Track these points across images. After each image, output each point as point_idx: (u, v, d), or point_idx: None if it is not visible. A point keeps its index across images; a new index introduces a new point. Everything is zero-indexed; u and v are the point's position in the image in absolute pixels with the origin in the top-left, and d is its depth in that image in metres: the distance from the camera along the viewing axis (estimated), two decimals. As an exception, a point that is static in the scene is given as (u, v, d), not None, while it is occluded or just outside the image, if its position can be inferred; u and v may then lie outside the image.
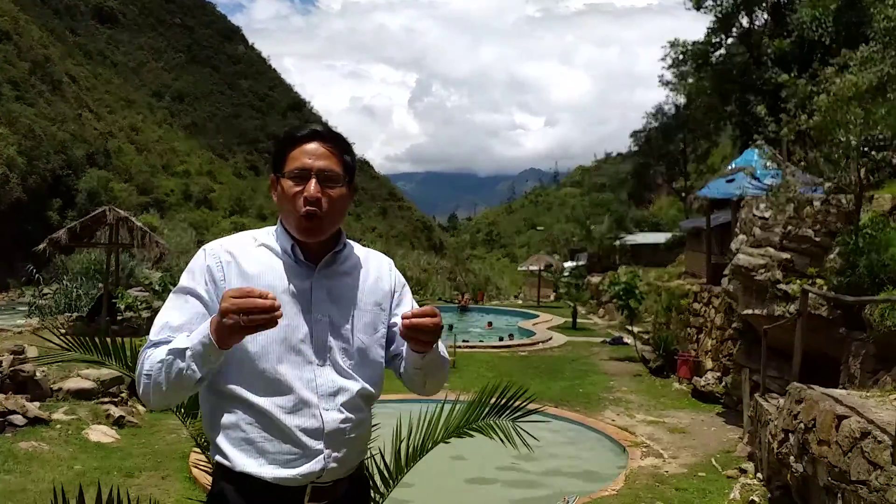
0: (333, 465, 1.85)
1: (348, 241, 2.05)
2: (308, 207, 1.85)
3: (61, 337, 3.14)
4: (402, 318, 1.79)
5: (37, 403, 8.44)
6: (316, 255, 1.94)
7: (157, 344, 1.80)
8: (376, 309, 2.01)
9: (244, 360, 1.82)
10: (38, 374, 8.93)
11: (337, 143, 1.94)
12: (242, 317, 1.60)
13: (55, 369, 9.36)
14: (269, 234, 1.99)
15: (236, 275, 1.87)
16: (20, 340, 10.03)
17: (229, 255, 1.90)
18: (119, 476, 6.78)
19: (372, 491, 2.99)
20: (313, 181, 1.86)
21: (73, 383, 9.09)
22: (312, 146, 1.90)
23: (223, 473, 1.89)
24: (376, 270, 2.07)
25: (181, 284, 1.90)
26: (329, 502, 1.88)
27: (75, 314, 15.66)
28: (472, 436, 3.22)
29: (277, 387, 1.82)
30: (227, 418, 1.85)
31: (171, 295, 1.92)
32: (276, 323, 1.63)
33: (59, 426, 8.07)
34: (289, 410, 1.82)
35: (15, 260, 39.56)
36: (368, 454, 3.09)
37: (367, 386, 1.94)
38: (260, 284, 1.83)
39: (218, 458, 1.89)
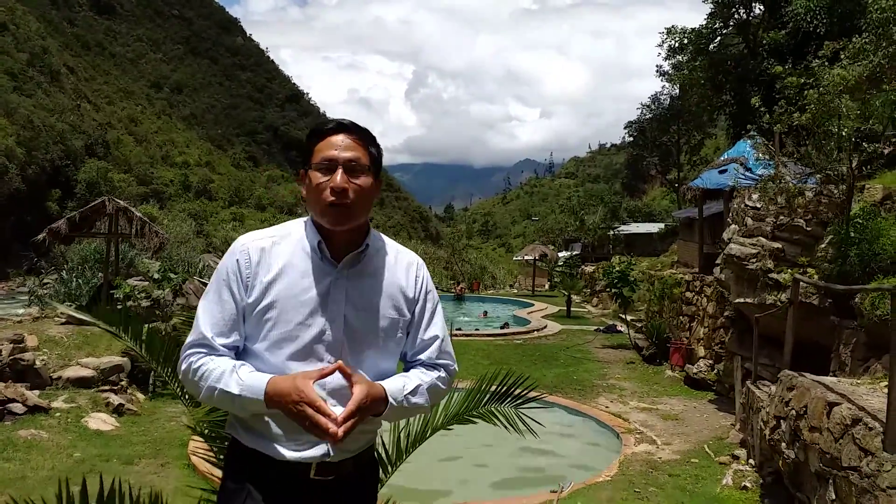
0: (337, 451, 1.92)
1: (380, 236, 2.09)
2: (334, 197, 1.89)
3: (78, 311, 3.27)
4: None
5: (36, 392, 8.49)
6: (341, 252, 1.97)
7: (201, 346, 1.94)
8: (395, 314, 2.03)
9: (258, 353, 1.93)
10: (37, 362, 8.98)
11: (362, 135, 1.98)
12: (306, 423, 1.77)
13: (55, 358, 9.41)
14: (300, 228, 2.03)
15: (261, 273, 1.93)
16: (20, 329, 10.07)
17: (258, 252, 1.96)
18: (118, 464, 6.83)
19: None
20: (339, 171, 1.90)
21: (73, 372, 9.14)
22: (338, 138, 1.94)
23: (236, 446, 2.01)
24: (403, 274, 2.08)
25: (217, 280, 1.98)
26: (335, 477, 1.95)
27: (75, 303, 15.68)
28: (474, 422, 3.26)
29: None
30: None
31: (209, 287, 2.01)
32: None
33: (58, 414, 8.12)
34: None
35: (14, 250, 39.60)
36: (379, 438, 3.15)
37: None
38: (280, 283, 1.92)
39: (232, 432, 2.02)
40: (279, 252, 1.96)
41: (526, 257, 37.65)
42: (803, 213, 8.21)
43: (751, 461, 7.11)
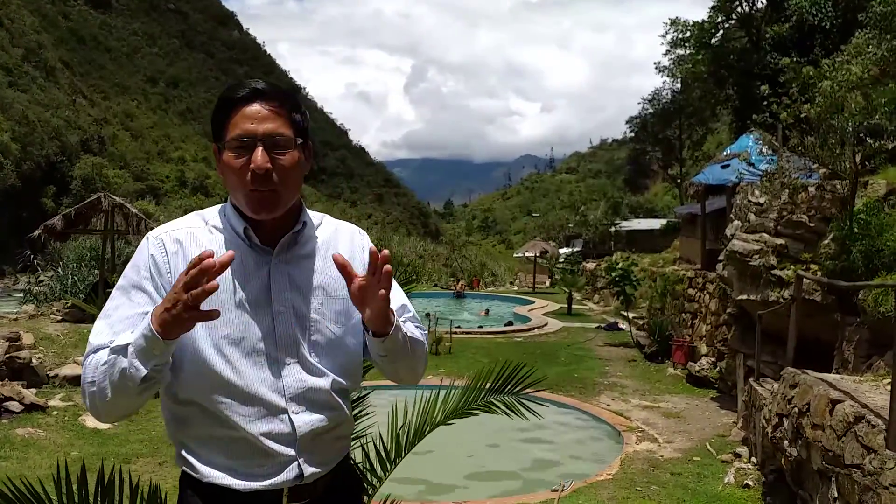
0: (312, 468, 1.68)
1: (314, 214, 1.83)
2: (256, 181, 1.60)
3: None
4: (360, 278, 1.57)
5: (33, 390, 8.46)
6: (273, 236, 1.70)
7: (98, 349, 1.58)
8: (347, 293, 1.70)
9: (199, 365, 1.61)
10: (34, 360, 8.93)
11: (283, 101, 1.66)
12: (189, 296, 1.41)
13: (51, 356, 9.37)
14: (218, 215, 1.75)
15: (184, 265, 1.57)
16: (16, 327, 10.01)
17: (176, 244, 1.67)
18: (116, 462, 6.74)
19: (369, 474, 2.99)
20: (259, 149, 1.59)
21: (70, 370, 9.09)
22: (254, 108, 1.63)
23: (190, 483, 1.70)
24: (348, 249, 1.80)
25: (124, 279, 1.67)
26: (311, 500, 1.70)
27: (71, 301, 15.65)
28: (475, 414, 3.19)
29: (239, 393, 1.61)
30: (189, 430, 1.67)
31: (114, 291, 1.68)
32: (218, 288, 1.44)
33: (55, 413, 8.09)
34: (254, 418, 1.62)
35: (10, 247, 39.47)
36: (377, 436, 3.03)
37: (340, 379, 1.72)
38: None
39: (184, 467, 1.71)
40: (201, 244, 1.66)
41: (526, 254, 37.66)
42: (806, 209, 8.17)
43: (753, 459, 7.07)
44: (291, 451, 1.65)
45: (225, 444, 1.64)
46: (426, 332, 1.93)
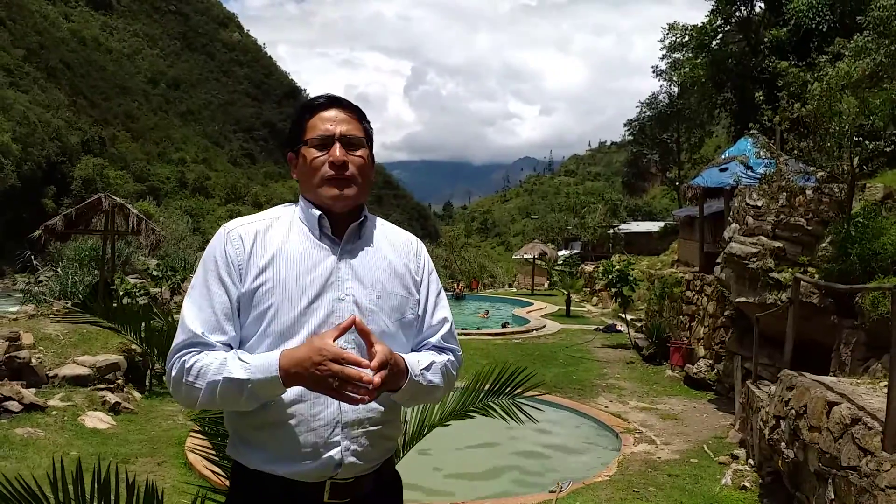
0: (352, 459, 1.74)
1: (373, 216, 1.96)
2: (334, 171, 1.79)
3: (75, 307, 3.19)
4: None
5: (32, 390, 8.45)
6: (339, 229, 1.84)
7: (192, 346, 1.72)
8: (403, 293, 1.89)
9: (258, 346, 1.74)
10: (33, 360, 8.93)
11: (355, 109, 1.90)
12: (336, 382, 1.57)
13: (51, 356, 9.36)
14: (292, 210, 1.91)
15: (255, 258, 1.77)
16: (16, 327, 10.00)
17: (250, 235, 1.81)
18: (115, 462, 6.76)
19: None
20: (337, 145, 1.81)
21: (69, 370, 9.09)
22: (332, 112, 1.86)
23: (239, 471, 1.82)
24: (404, 252, 1.96)
25: (203, 271, 1.81)
26: (352, 500, 1.77)
27: (71, 301, 15.62)
28: (472, 417, 3.25)
29: None
30: (245, 414, 1.76)
31: (194, 281, 1.82)
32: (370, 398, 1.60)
33: (54, 412, 8.08)
34: (306, 400, 1.72)
35: (9, 247, 39.53)
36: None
37: None
38: (278, 266, 1.77)
39: (234, 455, 1.84)
40: (273, 235, 1.82)
41: (525, 256, 37.64)
42: (804, 212, 8.20)
43: (750, 461, 7.08)
44: (336, 437, 1.74)
45: (276, 428, 1.73)
46: (458, 349, 2.01)
